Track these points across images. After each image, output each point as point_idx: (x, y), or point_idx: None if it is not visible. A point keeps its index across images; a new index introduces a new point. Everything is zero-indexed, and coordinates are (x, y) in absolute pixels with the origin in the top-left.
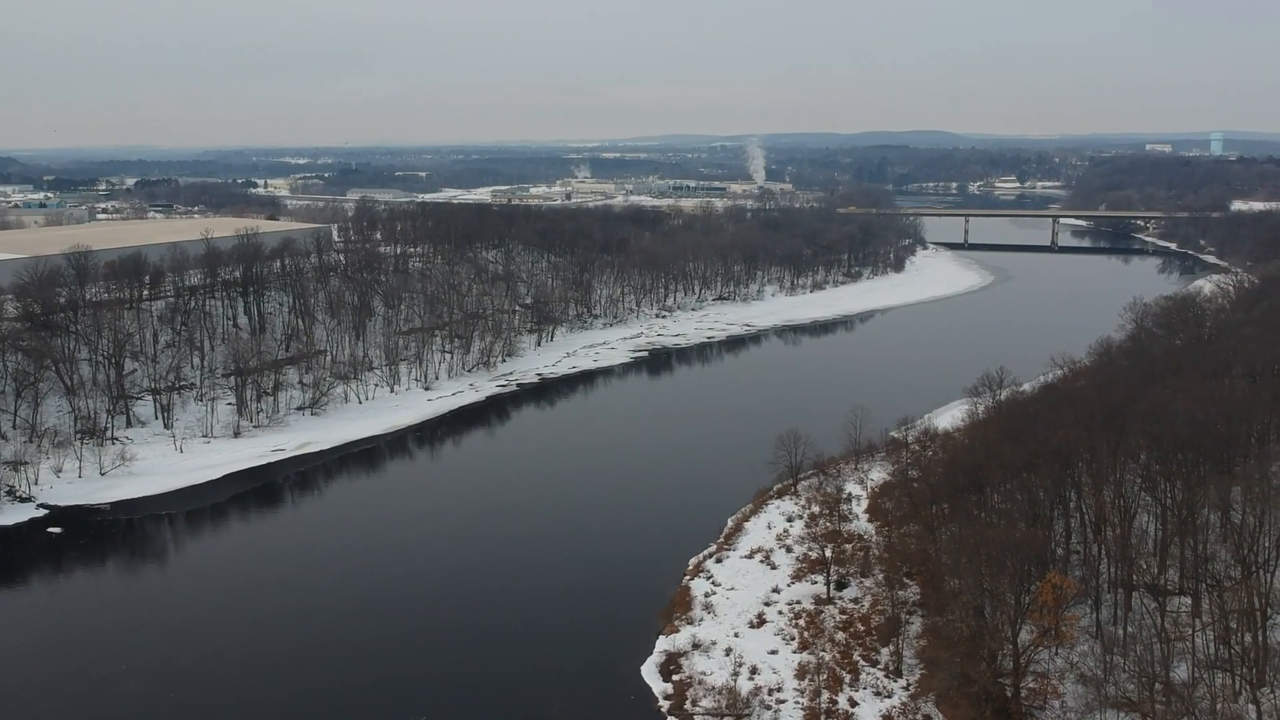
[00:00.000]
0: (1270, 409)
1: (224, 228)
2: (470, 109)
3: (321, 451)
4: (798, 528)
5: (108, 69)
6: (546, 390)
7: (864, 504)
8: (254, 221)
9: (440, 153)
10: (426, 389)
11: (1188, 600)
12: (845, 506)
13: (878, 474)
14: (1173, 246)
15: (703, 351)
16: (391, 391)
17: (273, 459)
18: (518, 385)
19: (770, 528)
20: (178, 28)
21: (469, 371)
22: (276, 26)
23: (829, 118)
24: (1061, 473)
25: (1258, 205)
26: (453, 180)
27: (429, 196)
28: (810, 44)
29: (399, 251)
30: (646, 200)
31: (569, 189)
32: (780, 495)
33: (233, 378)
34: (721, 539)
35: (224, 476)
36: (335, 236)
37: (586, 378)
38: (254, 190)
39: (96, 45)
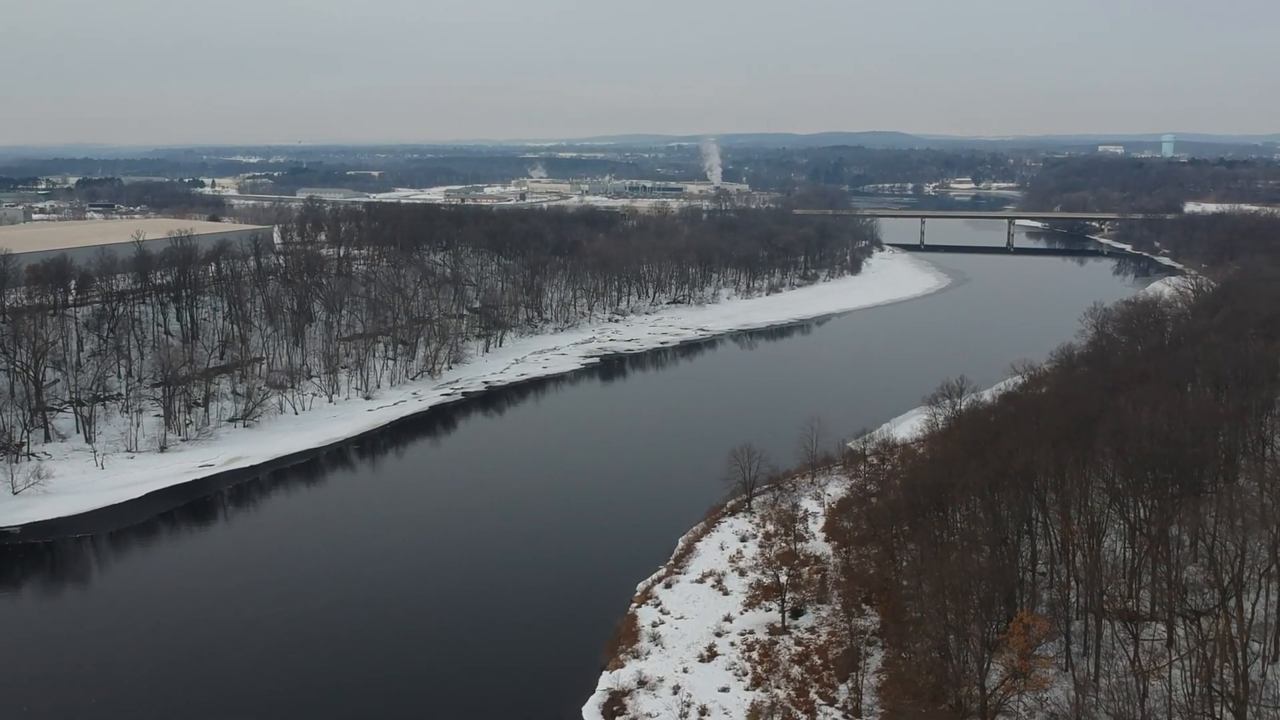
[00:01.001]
0: (1238, 422)
1: (158, 229)
2: (428, 108)
3: (253, 466)
4: (751, 548)
5: (59, 64)
6: (493, 399)
7: (821, 522)
8: (189, 223)
9: (395, 152)
10: (367, 398)
11: (1162, 628)
12: (801, 525)
13: (835, 489)
14: (1128, 248)
15: (656, 357)
16: (330, 401)
17: (200, 475)
18: (463, 394)
19: (723, 548)
20: (135, 23)
21: (412, 379)
22: (231, 23)
23: (785, 118)
24: (1027, 494)
25: (1210, 207)
26: (406, 180)
27: (380, 196)
28: (768, 46)
29: (342, 254)
30: (602, 200)
31: (524, 189)
32: (734, 512)
33: (160, 388)
34: (672, 561)
35: (147, 495)
36: (277, 238)
37: (535, 385)
38: (200, 190)
39: (50, 39)
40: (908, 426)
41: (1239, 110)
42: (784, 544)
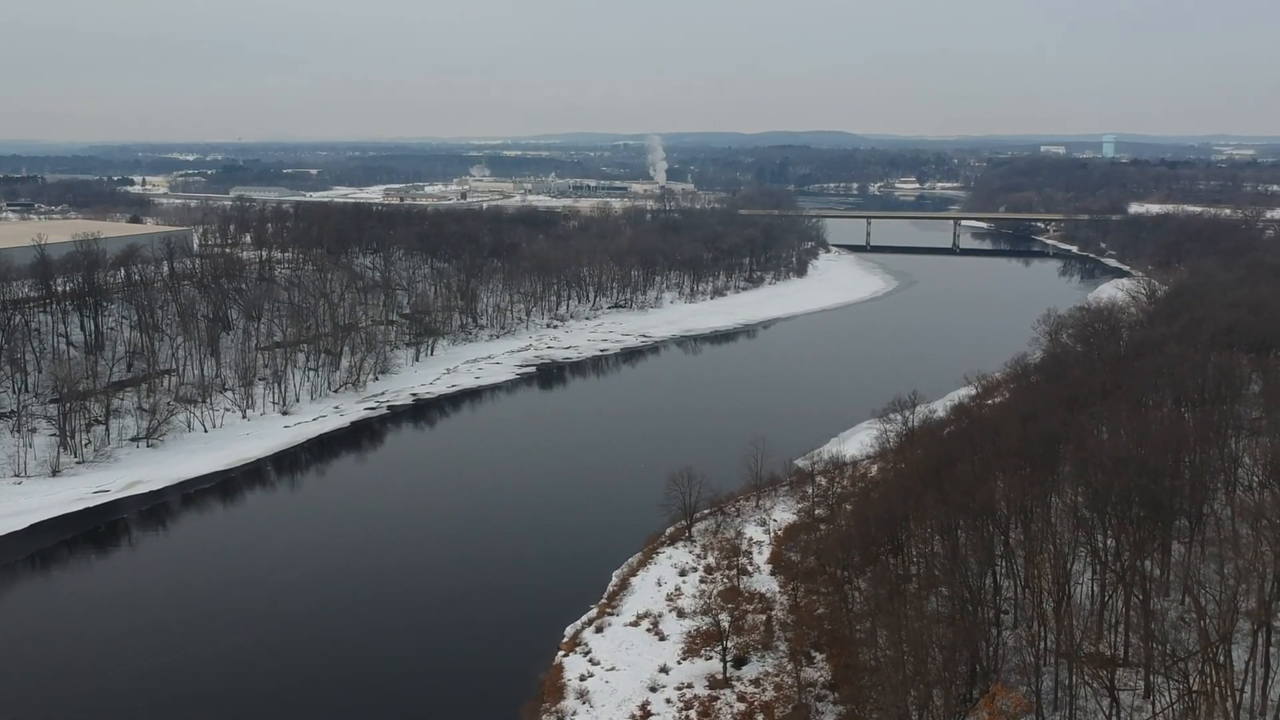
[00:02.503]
0: (1207, 442)
1: (67, 231)
2: (372, 106)
3: (153, 492)
4: (692, 583)
5: None
6: (420, 413)
7: (766, 552)
8: (98, 224)
9: (336, 149)
10: (285, 413)
11: (1139, 673)
12: (745, 558)
13: (781, 512)
14: (1074, 249)
15: (596, 366)
16: (244, 417)
17: (94, 502)
18: (388, 407)
19: (660, 584)
20: (76, 16)
21: (335, 392)
22: (175, 18)
23: (732, 117)
24: (990, 534)
25: (1154, 208)
26: (345, 178)
27: (317, 195)
28: (715, 45)
29: (265, 257)
30: (544, 200)
31: (465, 188)
32: (673, 541)
33: (56, 404)
34: (604, 599)
35: (31, 526)
36: (202, 240)
37: (466, 398)
38: (128, 188)
39: None
40: (857, 442)
41: (1176, 112)
42: (726, 579)
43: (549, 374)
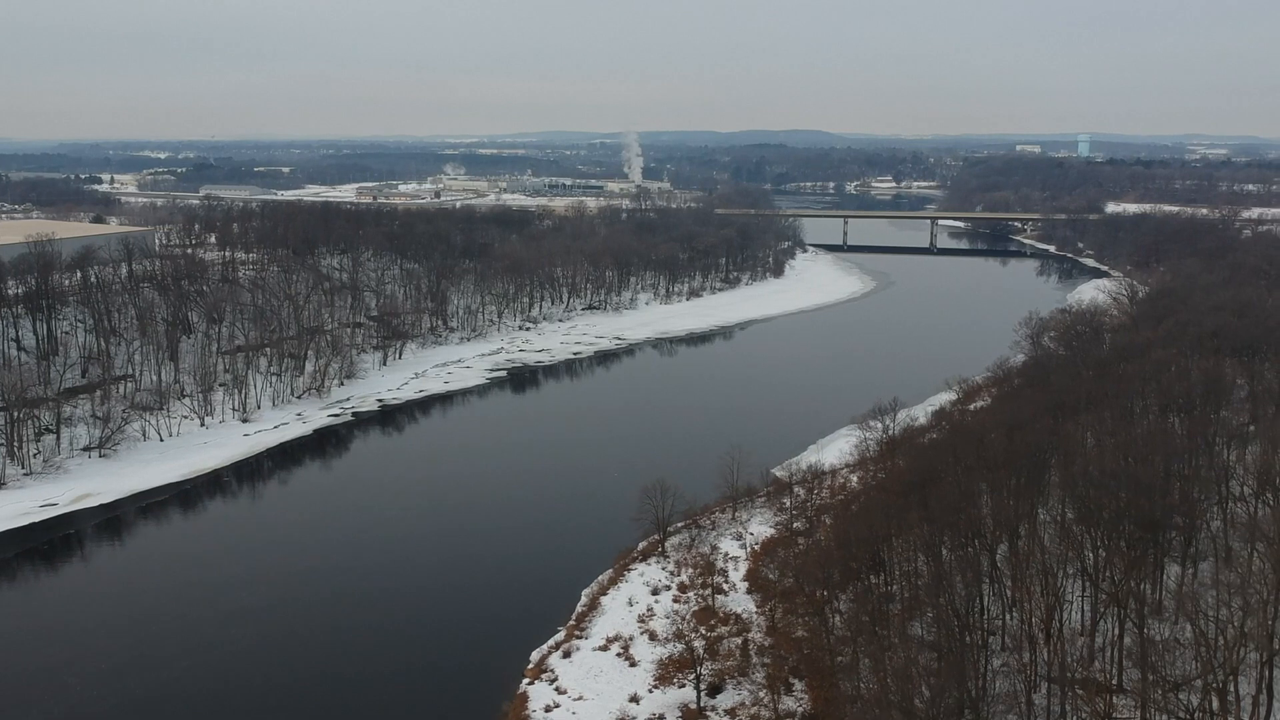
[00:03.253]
0: (1198, 453)
1: (16, 231)
2: (348, 104)
3: (103, 505)
4: (665, 602)
5: None
6: (386, 420)
7: (743, 569)
8: (54, 224)
9: (310, 147)
10: (245, 420)
11: (1136, 701)
12: (720, 576)
13: (758, 525)
14: (1051, 249)
15: (569, 370)
16: (202, 425)
17: (40, 517)
18: (353, 414)
19: (632, 604)
20: (48, 12)
21: (298, 398)
22: (148, 14)
23: (709, 116)
24: (976, 551)
25: (1131, 207)
26: (318, 176)
27: (288, 194)
28: (692, 43)
29: (229, 257)
30: (519, 199)
31: (439, 186)
32: (645, 557)
33: (3, 413)
34: (573, 621)
35: None
36: (165, 240)
37: (435, 403)
38: (95, 187)
39: None
40: (836, 450)
41: (1149, 111)
42: (701, 598)
43: (521, 378)
